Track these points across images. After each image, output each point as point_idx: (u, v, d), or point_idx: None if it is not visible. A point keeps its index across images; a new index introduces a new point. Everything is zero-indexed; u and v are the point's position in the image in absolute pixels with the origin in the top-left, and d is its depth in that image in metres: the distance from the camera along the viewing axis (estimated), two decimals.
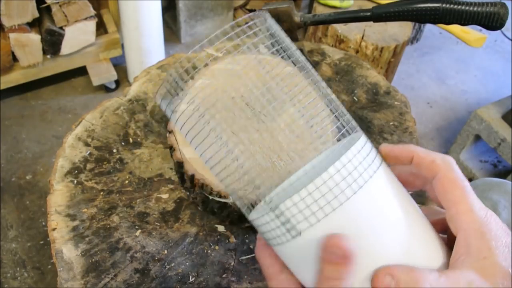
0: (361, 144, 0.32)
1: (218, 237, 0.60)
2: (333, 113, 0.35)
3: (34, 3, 1.40)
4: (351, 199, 0.30)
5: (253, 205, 0.34)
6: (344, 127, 0.34)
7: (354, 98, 0.82)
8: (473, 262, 0.29)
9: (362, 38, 1.29)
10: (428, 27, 2.18)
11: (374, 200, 0.31)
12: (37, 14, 1.43)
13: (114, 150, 0.68)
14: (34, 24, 1.49)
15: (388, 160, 0.34)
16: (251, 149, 0.33)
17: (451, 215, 0.31)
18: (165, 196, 0.63)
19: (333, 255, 0.29)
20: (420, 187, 0.37)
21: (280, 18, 0.71)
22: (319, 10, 1.40)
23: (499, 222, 0.31)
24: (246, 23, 0.33)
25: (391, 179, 0.33)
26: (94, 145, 0.68)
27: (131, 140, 0.69)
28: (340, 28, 1.31)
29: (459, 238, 0.30)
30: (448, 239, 0.33)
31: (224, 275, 0.56)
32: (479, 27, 0.65)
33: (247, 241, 0.60)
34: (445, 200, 0.31)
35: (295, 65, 0.37)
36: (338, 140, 0.34)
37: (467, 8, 0.61)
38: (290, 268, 0.33)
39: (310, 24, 0.72)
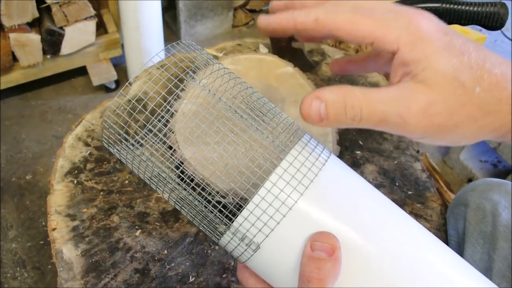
0: (304, 143, 0.31)
1: None
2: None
3: (34, 3, 1.40)
4: (299, 202, 0.29)
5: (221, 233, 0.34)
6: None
7: None
8: (412, 78, 0.26)
9: None
10: None
11: (324, 197, 0.30)
12: (37, 14, 1.43)
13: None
14: (34, 24, 1.49)
15: (268, 32, 0.31)
16: (251, 149, 0.33)
17: (377, 46, 0.27)
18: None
19: (320, 250, 0.28)
20: (372, 68, 0.34)
21: None
22: None
23: (431, 20, 0.28)
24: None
25: (340, 171, 0.32)
26: (94, 145, 0.68)
27: (131, 140, 0.69)
28: None
29: (393, 62, 0.27)
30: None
31: (224, 275, 0.56)
32: (479, 27, 0.65)
33: None
34: (362, 39, 0.27)
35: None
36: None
37: (467, 8, 0.61)
38: (268, 281, 0.33)
39: None
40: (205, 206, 0.33)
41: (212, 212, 0.33)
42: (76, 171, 0.65)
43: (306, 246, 0.29)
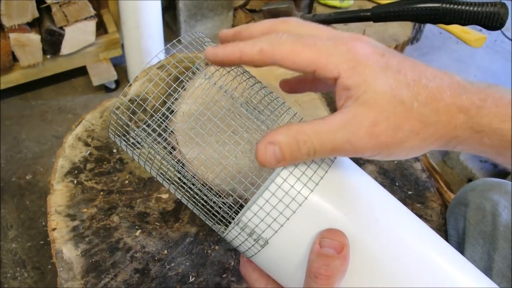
0: None
1: (218, 237, 0.60)
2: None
3: (34, 3, 1.40)
4: (309, 198, 0.30)
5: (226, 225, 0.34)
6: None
7: None
8: (354, 101, 0.28)
9: None
10: (428, 27, 2.18)
11: (334, 194, 0.30)
12: (37, 14, 1.43)
13: (114, 150, 0.68)
14: (34, 24, 1.49)
15: (216, 64, 0.31)
16: (252, 149, 0.33)
17: (319, 75, 0.29)
18: (165, 196, 0.63)
19: (328, 247, 0.28)
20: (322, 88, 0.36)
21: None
22: (319, 10, 1.40)
23: (368, 44, 0.29)
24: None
25: (349, 168, 0.32)
26: (94, 145, 0.68)
27: (131, 140, 0.69)
28: (340, 28, 1.31)
29: (336, 88, 0.29)
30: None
31: (224, 275, 0.56)
32: (479, 27, 0.65)
33: None
34: (305, 68, 0.28)
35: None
36: None
37: (467, 8, 0.61)
38: (272, 275, 0.33)
39: None
40: (214, 202, 0.34)
41: (221, 208, 0.33)
42: (76, 171, 0.65)
43: (315, 243, 0.29)
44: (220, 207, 0.33)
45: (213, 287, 0.55)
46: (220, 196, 0.34)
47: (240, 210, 0.33)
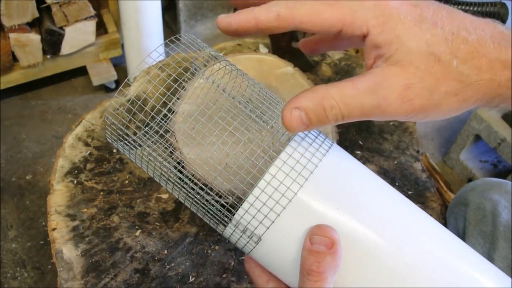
0: (304, 134, 0.31)
1: (218, 237, 0.60)
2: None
3: (34, 3, 1.40)
4: (299, 193, 0.29)
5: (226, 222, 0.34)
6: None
7: None
8: (385, 61, 0.25)
9: None
10: None
11: (325, 188, 0.30)
12: (37, 14, 1.43)
13: (114, 150, 0.68)
14: (34, 24, 1.49)
15: (230, 34, 0.29)
16: (252, 148, 0.33)
17: (347, 33, 0.26)
18: (165, 196, 0.63)
19: (319, 244, 0.28)
20: (344, 45, 0.32)
21: None
22: None
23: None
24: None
25: (342, 161, 0.32)
26: (94, 145, 0.68)
27: (130, 142, 0.70)
28: None
29: (365, 45, 0.27)
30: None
31: (224, 275, 0.56)
32: None
33: None
34: (330, 28, 0.26)
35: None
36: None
37: (467, 8, 0.61)
38: (273, 272, 0.33)
39: None
40: (206, 200, 0.33)
41: (214, 206, 0.33)
42: (76, 171, 0.65)
43: (306, 240, 0.29)
44: (223, 206, 0.33)
45: (213, 287, 0.55)
46: (221, 196, 0.34)
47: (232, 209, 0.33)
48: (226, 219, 0.32)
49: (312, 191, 0.30)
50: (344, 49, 0.35)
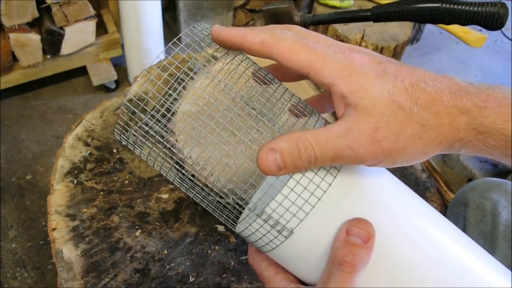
0: None
1: (218, 237, 0.60)
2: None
3: (34, 3, 1.40)
4: (333, 184, 0.30)
5: (235, 219, 0.34)
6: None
7: None
8: (354, 109, 0.28)
9: (362, 38, 1.29)
10: (428, 27, 2.18)
11: (357, 180, 0.30)
12: (37, 14, 1.43)
13: (114, 150, 0.68)
14: (34, 24, 1.49)
15: (218, 43, 0.33)
16: (252, 148, 0.33)
17: (314, 78, 0.29)
18: (165, 196, 0.63)
19: (356, 236, 0.28)
20: (292, 79, 0.35)
21: (280, 18, 0.71)
22: (319, 10, 1.40)
23: (365, 54, 0.29)
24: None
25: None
26: (94, 145, 0.68)
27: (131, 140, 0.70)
28: (340, 28, 1.31)
29: (333, 96, 0.29)
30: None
31: (224, 275, 0.56)
32: (479, 27, 0.65)
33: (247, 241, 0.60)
34: (300, 68, 0.29)
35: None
36: None
37: (467, 8, 0.61)
38: (288, 267, 0.33)
39: (310, 24, 0.72)
40: (220, 201, 0.33)
41: (239, 204, 0.33)
42: (76, 171, 0.65)
43: (341, 230, 0.29)
44: (238, 204, 0.33)
45: (213, 287, 0.55)
46: (236, 194, 0.34)
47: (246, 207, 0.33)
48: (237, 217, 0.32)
49: (345, 183, 0.30)
50: (327, 112, 0.37)
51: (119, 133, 0.35)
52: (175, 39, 0.34)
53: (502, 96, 0.27)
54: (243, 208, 0.35)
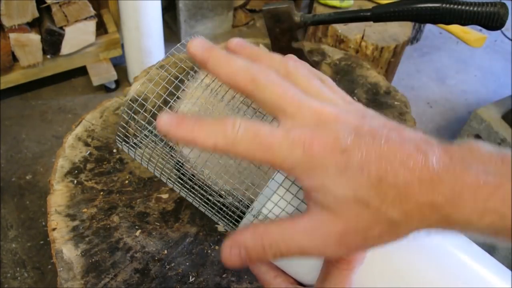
0: None
1: (218, 237, 0.60)
2: None
3: (34, 3, 1.40)
4: None
5: (237, 221, 0.34)
6: None
7: (354, 98, 0.82)
8: (317, 205, 0.26)
9: (362, 38, 1.29)
10: (428, 27, 2.18)
11: None
12: (37, 14, 1.43)
13: (114, 150, 0.68)
14: (34, 24, 1.49)
15: (169, 140, 0.30)
16: None
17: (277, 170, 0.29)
18: (165, 196, 0.63)
19: None
20: None
21: (280, 18, 0.71)
22: (319, 10, 1.40)
23: (329, 137, 0.26)
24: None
25: None
26: (94, 145, 0.68)
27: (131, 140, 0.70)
28: (340, 28, 1.31)
29: (298, 183, 0.29)
30: None
31: (224, 275, 0.56)
32: (479, 27, 0.65)
33: None
34: (262, 165, 0.29)
35: None
36: None
37: (467, 8, 0.61)
38: (286, 270, 0.33)
39: (310, 24, 0.72)
40: (218, 202, 0.33)
41: (240, 203, 0.33)
42: (76, 171, 0.65)
43: None
44: (239, 202, 0.33)
45: (213, 287, 0.55)
46: (233, 196, 0.34)
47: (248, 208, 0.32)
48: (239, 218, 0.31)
49: None
50: None
51: (121, 140, 0.35)
52: (178, 45, 0.34)
53: (481, 182, 0.24)
54: (240, 210, 0.34)
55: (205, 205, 0.36)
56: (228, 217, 0.36)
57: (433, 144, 0.25)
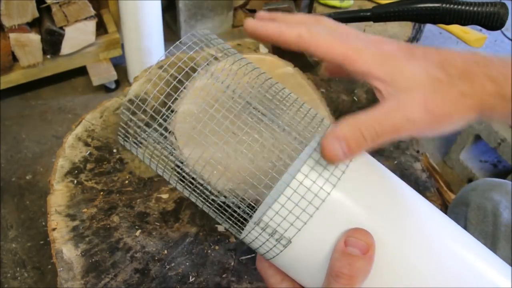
0: None
1: (218, 237, 0.60)
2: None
3: (34, 3, 1.40)
4: (332, 193, 0.29)
5: (242, 224, 0.34)
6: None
7: (354, 98, 0.82)
8: (395, 87, 0.30)
9: None
10: (428, 27, 2.18)
11: (357, 188, 0.30)
12: (37, 14, 1.43)
13: (114, 150, 0.68)
14: (34, 24, 1.49)
15: (252, 36, 0.34)
16: (253, 149, 0.33)
17: (349, 68, 0.32)
18: (165, 196, 0.63)
19: (354, 247, 0.28)
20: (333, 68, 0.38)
21: None
22: (319, 10, 1.40)
23: (392, 43, 0.32)
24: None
25: (370, 162, 0.32)
26: (94, 145, 0.68)
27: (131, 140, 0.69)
28: None
29: (370, 83, 0.31)
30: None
31: (224, 275, 0.56)
32: (479, 27, 0.65)
33: None
34: (336, 60, 0.31)
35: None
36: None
37: (467, 8, 0.61)
38: (291, 275, 0.33)
39: None
40: (232, 203, 0.33)
41: (240, 208, 0.32)
42: (76, 171, 0.65)
43: (339, 241, 0.29)
44: (239, 207, 0.33)
45: (213, 287, 0.55)
46: (237, 198, 0.33)
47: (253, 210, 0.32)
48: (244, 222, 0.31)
49: (344, 192, 0.29)
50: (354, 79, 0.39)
51: (123, 137, 0.35)
52: (177, 42, 0.34)
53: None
54: (243, 211, 0.34)
55: (209, 206, 0.35)
56: (231, 217, 0.36)
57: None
